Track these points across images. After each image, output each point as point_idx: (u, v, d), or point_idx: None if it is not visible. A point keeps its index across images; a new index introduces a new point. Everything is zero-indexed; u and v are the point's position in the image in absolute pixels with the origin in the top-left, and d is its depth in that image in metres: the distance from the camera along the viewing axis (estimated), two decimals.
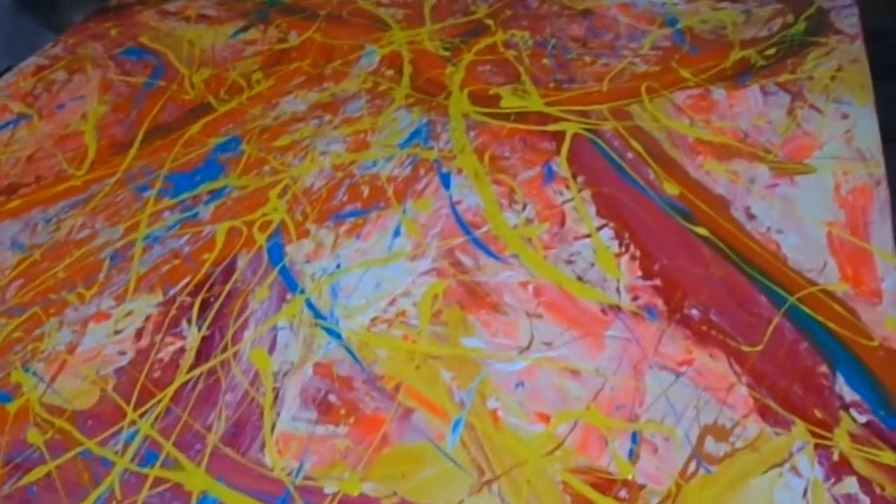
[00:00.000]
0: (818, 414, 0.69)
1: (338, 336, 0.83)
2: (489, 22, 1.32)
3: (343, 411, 0.76)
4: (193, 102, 1.26)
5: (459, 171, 1.00)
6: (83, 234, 1.03)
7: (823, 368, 0.72)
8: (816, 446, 0.67)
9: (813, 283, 0.79)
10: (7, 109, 1.34)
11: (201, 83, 1.31)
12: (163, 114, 1.25)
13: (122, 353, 0.86)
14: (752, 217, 0.87)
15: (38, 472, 0.77)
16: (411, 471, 0.71)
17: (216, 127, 1.19)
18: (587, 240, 0.88)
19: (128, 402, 0.81)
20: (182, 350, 0.85)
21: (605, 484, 0.67)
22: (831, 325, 0.75)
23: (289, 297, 0.89)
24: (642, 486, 0.67)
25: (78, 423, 0.80)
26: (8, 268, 1.00)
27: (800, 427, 0.68)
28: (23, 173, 1.18)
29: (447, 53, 1.24)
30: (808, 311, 0.77)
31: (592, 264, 0.85)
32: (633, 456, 0.69)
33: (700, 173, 0.93)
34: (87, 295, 0.94)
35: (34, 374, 0.86)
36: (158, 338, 0.87)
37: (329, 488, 0.70)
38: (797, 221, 0.85)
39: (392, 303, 0.85)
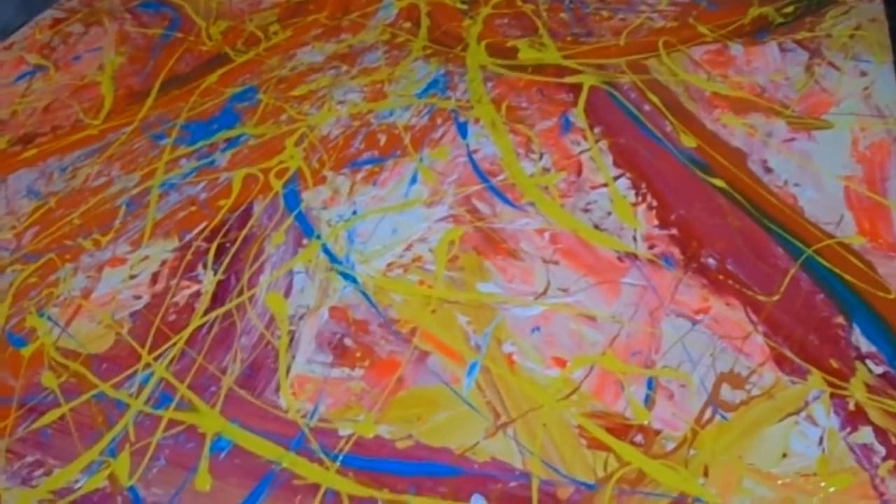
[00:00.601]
0: (834, 364, 0.69)
1: (354, 280, 0.83)
2: None
3: (358, 354, 0.76)
4: (210, 53, 1.26)
5: (477, 120, 1.00)
6: (99, 181, 1.04)
7: (840, 319, 0.72)
8: (832, 396, 0.67)
9: (830, 236, 0.79)
10: (24, 61, 1.34)
11: (218, 35, 1.30)
12: (180, 65, 1.25)
13: (138, 298, 0.87)
14: (769, 170, 0.86)
15: (52, 415, 0.78)
16: (426, 413, 0.71)
17: (233, 77, 1.19)
18: (604, 189, 0.88)
19: (143, 346, 0.82)
20: (198, 294, 0.86)
21: (620, 429, 0.67)
22: (848, 277, 0.75)
23: (305, 242, 0.89)
24: (658, 432, 0.67)
25: (92, 366, 0.81)
26: (24, 215, 1.01)
27: (816, 376, 0.68)
28: (39, 123, 1.18)
29: (465, 7, 1.24)
30: (824, 262, 0.76)
31: (609, 213, 0.85)
32: (648, 402, 0.69)
33: (717, 126, 0.93)
34: (103, 241, 0.94)
35: (49, 318, 0.87)
36: (174, 282, 0.88)
37: (344, 430, 0.71)
38: (814, 175, 0.85)
39: (408, 248, 0.85)
